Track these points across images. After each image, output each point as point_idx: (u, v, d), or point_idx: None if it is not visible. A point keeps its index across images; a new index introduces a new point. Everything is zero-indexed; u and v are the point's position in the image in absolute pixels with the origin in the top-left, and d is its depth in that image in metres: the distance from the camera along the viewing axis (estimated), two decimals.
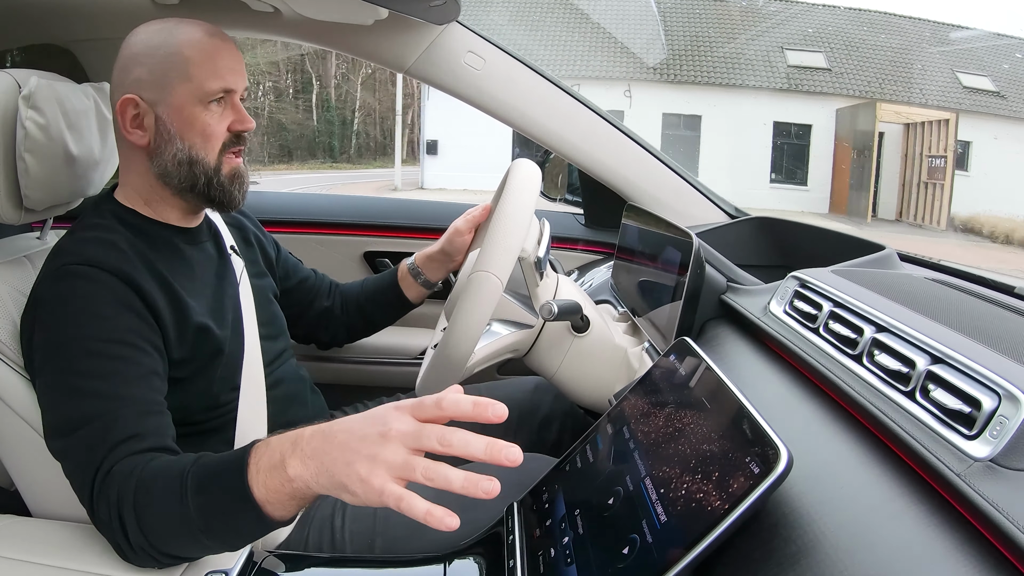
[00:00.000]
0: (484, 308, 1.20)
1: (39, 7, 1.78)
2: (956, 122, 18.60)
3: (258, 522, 0.94)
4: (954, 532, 0.63)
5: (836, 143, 20.67)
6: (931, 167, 18.97)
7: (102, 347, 1.10)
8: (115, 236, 1.21)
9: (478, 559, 1.04)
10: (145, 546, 0.99)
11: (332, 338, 1.82)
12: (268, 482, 0.92)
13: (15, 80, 1.27)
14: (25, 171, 1.26)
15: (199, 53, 1.24)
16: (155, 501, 0.98)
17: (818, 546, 0.68)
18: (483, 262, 1.21)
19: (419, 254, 1.73)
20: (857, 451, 0.80)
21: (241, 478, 0.93)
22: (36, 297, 1.17)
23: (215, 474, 0.97)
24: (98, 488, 1.02)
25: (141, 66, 1.24)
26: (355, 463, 0.85)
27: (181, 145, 1.25)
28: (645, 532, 0.79)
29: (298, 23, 1.86)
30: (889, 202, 19.77)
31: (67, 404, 1.08)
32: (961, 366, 0.75)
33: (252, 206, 2.33)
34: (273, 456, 0.93)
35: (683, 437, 0.84)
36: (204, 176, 1.27)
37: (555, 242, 2.19)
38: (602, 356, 1.42)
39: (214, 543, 0.99)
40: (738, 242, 1.81)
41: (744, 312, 1.21)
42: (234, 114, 1.29)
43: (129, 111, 1.24)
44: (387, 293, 1.76)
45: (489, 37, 1.92)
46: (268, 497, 0.92)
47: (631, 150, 1.99)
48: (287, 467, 0.90)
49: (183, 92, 1.23)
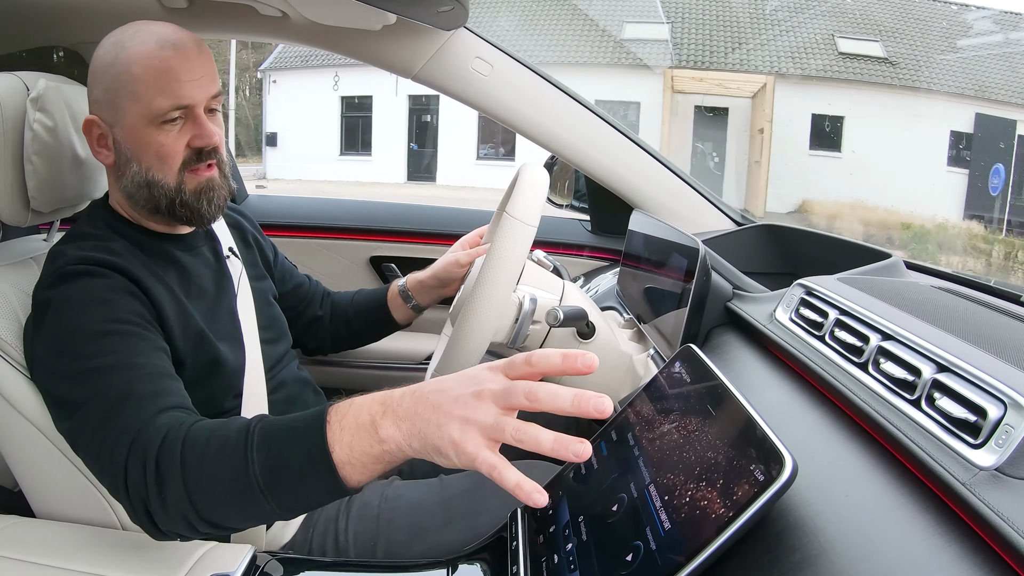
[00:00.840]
0: (517, 252, 1.20)
1: (46, 9, 1.79)
2: (772, 89, 16.73)
3: (332, 485, 0.90)
4: (959, 541, 0.63)
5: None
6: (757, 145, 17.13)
7: (108, 327, 1.09)
8: (111, 243, 1.21)
9: (481, 565, 1.04)
10: (185, 509, 0.94)
11: (318, 346, 1.80)
12: (354, 442, 0.88)
13: (23, 82, 1.28)
14: (32, 173, 1.26)
15: (146, 70, 1.17)
16: (210, 457, 0.94)
17: (823, 555, 0.68)
18: (514, 209, 1.21)
19: (411, 278, 1.72)
20: (862, 459, 0.80)
21: (320, 435, 0.89)
22: (37, 300, 1.17)
23: (289, 429, 0.93)
24: (126, 448, 0.98)
25: (98, 85, 1.22)
26: (447, 425, 0.83)
27: (138, 168, 1.22)
28: (649, 539, 0.79)
29: (306, 28, 1.86)
30: (737, 189, 17.77)
31: (79, 386, 1.06)
32: (967, 374, 0.75)
33: (259, 210, 2.36)
34: (360, 416, 0.89)
35: (688, 444, 0.84)
36: (165, 198, 1.23)
37: (561, 248, 2.20)
38: (607, 363, 1.42)
39: (274, 506, 0.93)
40: (744, 249, 1.81)
41: (750, 319, 1.21)
42: (193, 129, 1.22)
43: (94, 131, 1.23)
44: (375, 312, 1.75)
45: (497, 43, 1.92)
46: (351, 458, 0.89)
47: (638, 156, 1.99)
48: (379, 428, 0.87)
49: (134, 113, 1.19)
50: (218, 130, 1.25)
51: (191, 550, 1.07)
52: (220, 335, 1.30)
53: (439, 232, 2.05)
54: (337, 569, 1.09)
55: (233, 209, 1.59)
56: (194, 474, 0.93)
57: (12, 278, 1.27)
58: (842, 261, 1.40)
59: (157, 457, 0.95)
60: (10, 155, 1.25)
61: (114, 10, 1.79)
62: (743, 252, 1.78)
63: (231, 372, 1.30)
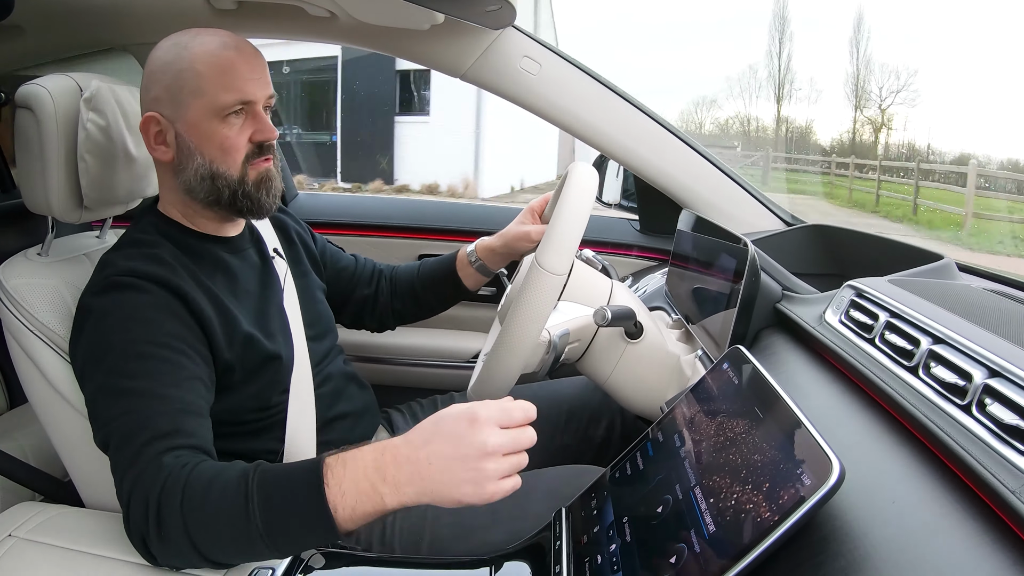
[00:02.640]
0: (544, 305, 1.20)
1: (99, 12, 1.83)
2: None
3: (329, 534, 0.97)
4: (1007, 550, 0.62)
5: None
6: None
7: (145, 349, 1.12)
8: (159, 250, 1.24)
9: (525, 563, 1.04)
10: (184, 548, 1.00)
11: (380, 323, 1.81)
12: (357, 507, 0.96)
13: (76, 83, 1.31)
14: (86, 171, 1.30)
15: (211, 67, 1.24)
16: (210, 505, 0.99)
17: (867, 561, 0.68)
18: (542, 259, 1.21)
19: (481, 243, 1.72)
20: (910, 465, 0.79)
21: (320, 498, 0.96)
22: (81, 306, 1.21)
23: (288, 490, 0.99)
24: (131, 482, 1.03)
25: (158, 84, 1.26)
26: (463, 485, 0.94)
27: (202, 160, 1.26)
28: (693, 541, 0.79)
29: (354, 28, 1.88)
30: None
31: (109, 402, 1.11)
32: (1020, 380, 0.74)
33: (308, 209, 2.39)
34: (359, 483, 0.96)
35: (734, 447, 0.84)
36: (228, 189, 1.28)
37: (610, 248, 2.19)
38: (655, 363, 1.42)
39: (272, 552, 1.00)
40: (793, 249, 1.79)
41: (799, 321, 1.20)
42: (255, 124, 1.28)
43: (152, 128, 1.27)
44: (445, 281, 1.75)
45: (545, 41, 1.92)
46: (352, 518, 0.96)
47: (687, 155, 1.97)
48: (383, 496, 0.96)
49: (198, 107, 1.24)
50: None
51: None
52: (269, 332, 1.33)
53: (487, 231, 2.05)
54: (379, 564, 1.10)
55: (278, 209, 1.61)
56: (196, 520, 0.99)
57: (65, 274, 1.31)
58: (893, 262, 1.38)
59: (159, 498, 1.00)
60: (64, 154, 1.29)
61: (166, 12, 1.84)
62: (792, 252, 1.76)
63: (280, 369, 1.33)
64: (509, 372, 1.24)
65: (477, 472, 0.93)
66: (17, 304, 1.25)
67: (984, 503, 0.68)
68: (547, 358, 1.33)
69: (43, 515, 1.18)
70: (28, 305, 1.25)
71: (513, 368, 1.24)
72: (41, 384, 1.26)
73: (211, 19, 1.85)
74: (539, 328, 1.21)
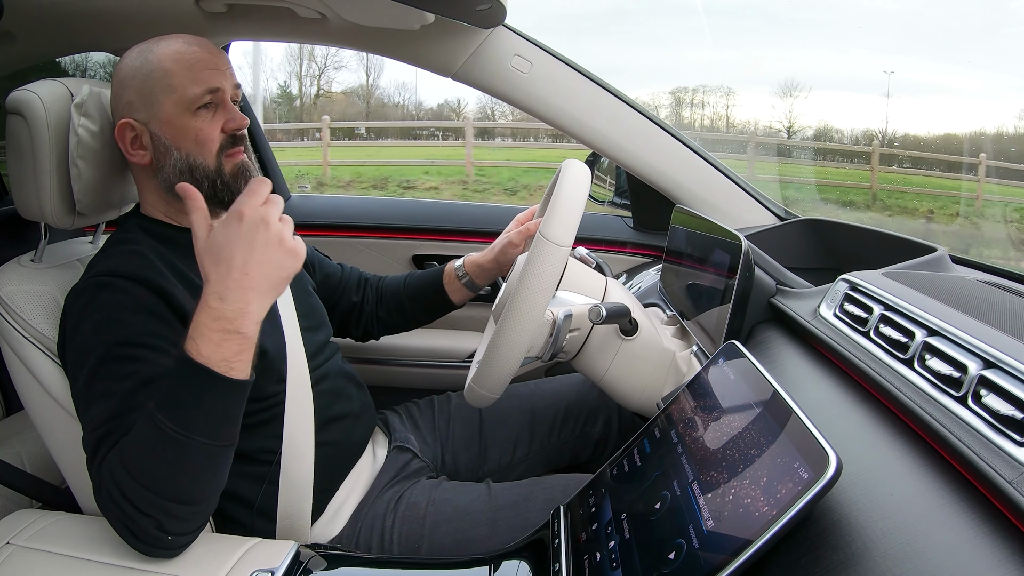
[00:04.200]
0: (550, 276, 1.19)
1: (89, 17, 1.82)
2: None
3: (222, 385, 1.02)
4: (1005, 540, 0.62)
5: None
6: None
7: (120, 351, 1.13)
8: (140, 246, 1.26)
9: (524, 562, 1.04)
10: (156, 503, 1.01)
11: (364, 332, 1.82)
12: (225, 351, 1.02)
13: (68, 89, 1.31)
14: (77, 176, 1.30)
15: (178, 63, 1.28)
16: (139, 452, 1.01)
17: (866, 554, 0.68)
18: (547, 231, 1.20)
19: (469, 259, 1.73)
20: (907, 457, 0.79)
21: (195, 366, 1.01)
22: (65, 308, 1.22)
23: (170, 387, 1.02)
24: (96, 483, 1.05)
25: (128, 89, 1.28)
26: (279, 262, 1.06)
27: (179, 155, 1.29)
28: (692, 537, 0.79)
29: (345, 29, 1.88)
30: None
31: (89, 405, 1.12)
32: (1014, 371, 0.74)
33: (302, 210, 2.39)
34: (213, 338, 1.02)
35: (731, 442, 0.84)
36: (207, 180, 1.30)
37: (604, 245, 2.19)
38: (650, 359, 1.41)
39: (209, 440, 1.02)
40: (787, 244, 1.79)
41: (794, 315, 1.20)
42: (225, 114, 1.32)
43: (127, 135, 1.29)
44: (431, 294, 1.76)
45: (535, 40, 1.92)
46: (227, 359, 1.03)
47: (679, 152, 1.97)
48: (239, 328, 1.03)
49: (170, 104, 1.27)
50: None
51: (235, 547, 1.10)
52: None
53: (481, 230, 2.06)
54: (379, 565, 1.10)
55: None
56: (142, 472, 1.01)
57: (58, 280, 1.31)
58: (886, 255, 1.38)
59: (113, 480, 1.02)
60: (56, 159, 1.28)
61: (157, 15, 1.83)
62: (786, 247, 1.76)
63: (270, 357, 1.32)
64: (515, 349, 1.21)
65: (280, 245, 1.05)
66: (11, 311, 1.24)
67: (982, 494, 0.68)
68: (549, 341, 1.32)
69: (41, 522, 1.18)
70: (22, 312, 1.24)
71: (519, 345, 1.21)
72: (37, 391, 1.25)
73: (201, 22, 1.84)
74: (546, 299, 1.19)
